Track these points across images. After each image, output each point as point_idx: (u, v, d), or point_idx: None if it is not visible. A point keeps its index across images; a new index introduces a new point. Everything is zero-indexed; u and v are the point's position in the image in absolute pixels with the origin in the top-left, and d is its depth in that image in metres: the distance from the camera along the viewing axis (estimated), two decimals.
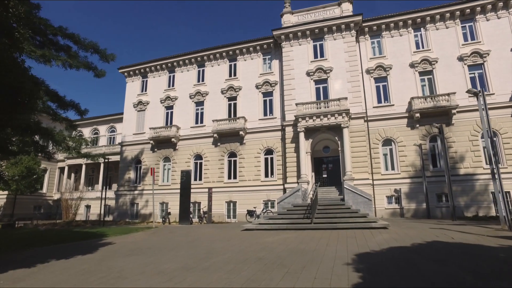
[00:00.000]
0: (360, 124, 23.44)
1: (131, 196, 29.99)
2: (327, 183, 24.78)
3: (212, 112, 29.04)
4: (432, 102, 22.23)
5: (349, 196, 17.80)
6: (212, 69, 30.54)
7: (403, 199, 21.68)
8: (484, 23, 23.60)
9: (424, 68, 23.94)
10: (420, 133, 22.64)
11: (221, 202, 26.41)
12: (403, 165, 22.43)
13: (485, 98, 13.90)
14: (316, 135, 23.85)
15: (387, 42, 25.53)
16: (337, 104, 22.86)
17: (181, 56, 31.42)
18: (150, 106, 31.98)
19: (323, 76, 25.45)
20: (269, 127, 26.56)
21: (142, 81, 33.48)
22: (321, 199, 20.36)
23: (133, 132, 31.85)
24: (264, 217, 14.98)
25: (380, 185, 22.40)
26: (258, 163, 26.24)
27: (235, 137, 27.26)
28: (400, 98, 23.80)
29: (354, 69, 24.82)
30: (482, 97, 13.30)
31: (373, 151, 23.28)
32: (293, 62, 26.64)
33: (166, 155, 29.73)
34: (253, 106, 27.74)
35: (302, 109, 23.59)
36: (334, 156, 24.93)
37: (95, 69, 17.08)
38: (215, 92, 29.57)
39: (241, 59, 29.56)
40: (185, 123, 29.86)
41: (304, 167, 22.77)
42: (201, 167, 28.35)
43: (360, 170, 22.34)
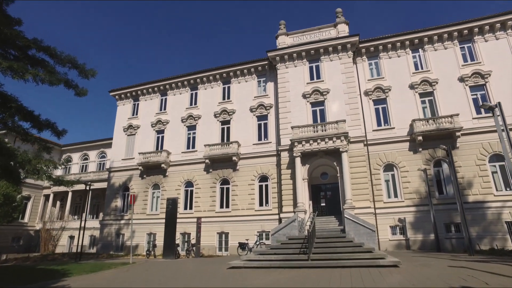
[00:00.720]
0: (360, 148, 22.10)
1: (117, 226, 28.06)
2: (326, 212, 23.11)
3: (205, 136, 27.74)
4: (434, 124, 21.03)
5: (350, 227, 16.15)
6: (205, 92, 29.55)
7: (408, 230, 19.97)
8: (483, 44, 22.87)
9: (424, 89, 22.94)
10: (424, 157, 21.28)
11: (212, 234, 24.55)
12: (406, 192, 20.89)
13: (503, 113, 12.58)
14: (313, 161, 22.43)
15: (385, 63, 24.71)
16: (335, 127, 21.62)
17: (174, 78, 30.54)
18: (141, 130, 30.71)
19: (320, 98, 24.38)
20: (263, 152, 25.18)
21: (133, 105, 32.40)
22: (320, 230, 18.66)
23: (122, 157, 30.38)
24: (255, 252, 13.27)
25: (383, 214, 20.74)
26: (252, 190, 24.63)
27: (228, 163, 25.79)
28: (400, 121, 22.62)
29: (352, 91, 23.80)
30: (499, 111, 11.94)
31: (374, 177, 21.79)
32: (288, 84, 25.66)
33: (156, 182, 28.10)
34: (247, 130, 26.49)
35: (298, 133, 22.31)
36: (332, 183, 23.42)
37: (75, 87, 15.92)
38: (208, 115, 28.42)
39: (235, 81, 28.64)
40: (176, 148, 28.48)
41: (300, 195, 21.18)
42: (191, 195, 26.66)
43: (361, 197, 20.77)
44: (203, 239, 23.95)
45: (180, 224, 25.21)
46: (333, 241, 13.49)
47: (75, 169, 38.91)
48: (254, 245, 19.26)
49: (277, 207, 23.31)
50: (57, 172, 38.88)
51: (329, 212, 22.83)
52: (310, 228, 11.70)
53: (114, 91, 32.70)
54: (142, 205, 27.76)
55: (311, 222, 12.54)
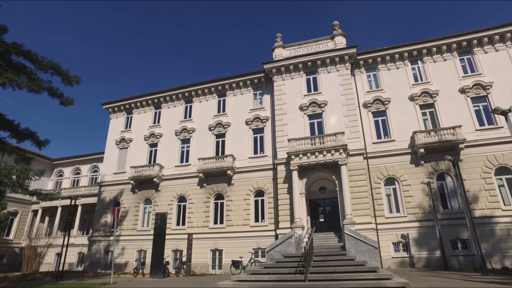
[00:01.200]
0: (360, 161, 21.26)
1: (106, 242, 26.75)
2: (325, 228, 22.05)
3: (199, 150, 26.87)
4: (436, 136, 20.29)
5: (350, 244, 15.11)
6: (200, 105, 28.89)
7: (412, 246, 18.90)
8: (482, 55, 22.45)
9: (425, 101, 22.33)
10: (426, 170, 20.43)
11: (205, 251, 23.32)
12: (409, 207, 19.92)
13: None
14: (311, 174, 21.52)
15: (383, 75, 24.20)
16: (334, 140, 20.84)
17: (168, 91, 29.93)
18: (134, 143, 29.84)
19: (318, 111, 23.70)
20: (259, 166, 24.27)
21: (126, 118, 31.66)
22: (318, 247, 17.59)
23: (114, 171, 29.37)
24: (247, 271, 12.16)
25: (385, 230, 19.70)
26: (247, 206, 23.58)
27: (223, 177, 24.83)
28: (401, 133, 21.89)
29: (350, 103, 23.16)
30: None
31: (374, 191, 20.85)
32: (285, 97, 25.04)
33: (148, 196, 27.02)
34: (242, 144, 25.67)
35: (295, 145, 21.50)
36: (331, 198, 22.47)
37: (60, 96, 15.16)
38: (202, 129, 27.65)
39: (230, 94, 28.04)
40: (169, 161, 27.55)
41: (298, 210, 20.16)
42: (184, 210, 25.55)
43: (361, 212, 19.77)
44: (196, 256, 22.77)
45: (172, 240, 24.14)
46: (332, 259, 12.40)
47: (66, 183, 37.80)
48: (248, 263, 18.11)
49: (274, 223, 22.23)
50: (48, 186, 37.89)
51: (328, 228, 21.77)
52: (307, 245, 10.69)
53: (107, 104, 32.01)
54: (133, 220, 26.59)
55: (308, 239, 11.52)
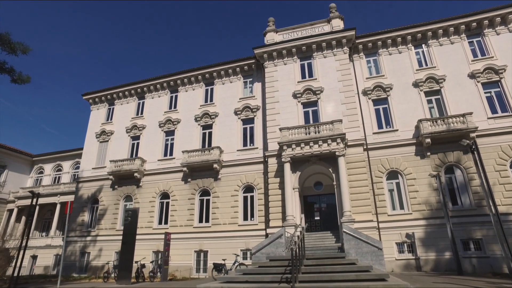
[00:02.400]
0: (359, 153, 19.16)
1: (82, 243, 24.48)
2: (321, 227, 19.97)
3: (184, 142, 24.67)
4: (444, 125, 18.24)
5: (350, 244, 13.00)
6: (186, 94, 26.70)
7: (418, 247, 16.82)
8: (494, 37, 20.46)
9: (431, 87, 20.28)
10: (433, 162, 18.38)
11: (188, 252, 21.14)
12: (414, 203, 17.85)
13: None
14: (306, 167, 19.40)
15: (384, 60, 22.13)
16: (330, 128, 18.73)
17: (152, 80, 27.71)
18: (115, 136, 27.59)
19: (313, 98, 21.59)
20: (249, 159, 22.12)
21: (108, 109, 29.41)
22: (313, 249, 15.49)
23: (93, 166, 27.12)
24: (220, 279, 9.95)
25: (388, 229, 17.61)
26: (235, 202, 21.41)
27: (209, 172, 22.67)
28: (404, 122, 19.84)
29: (349, 90, 21.08)
30: None
31: (376, 186, 18.77)
32: (277, 84, 22.91)
33: (128, 193, 24.79)
34: (231, 135, 23.51)
35: (287, 135, 19.36)
36: (328, 194, 20.39)
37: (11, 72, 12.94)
38: (188, 120, 25.45)
39: (218, 82, 25.88)
40: (152, 155, 25.34)
41: (290, 206, 18.02)
42: (167, 208, 23.34)
43: (362, 209, 17.68)
44: (178, 258, 20.69)
45: (153, 241, 22.06)
46: (329, 263, 10.22)
47: (47, 180, 35.42)
48: (232, 266, 15.97)
49: (264, 222, 20.09)
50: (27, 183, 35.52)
51: (324, 227, 19.69)
52: (296, 246, 8.55)
53: (88, 95, 29.74)
54: (112, 219, 24.34)
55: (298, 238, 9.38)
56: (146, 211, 23.49)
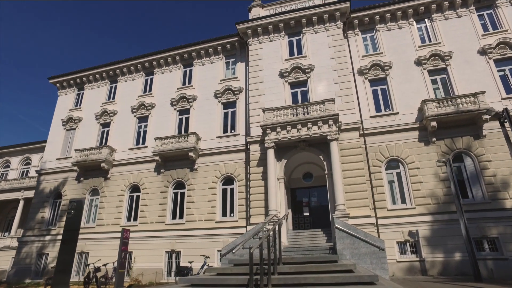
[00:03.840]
0: (354, 138, 16.61)
1: (40, 243, 21.57)
2: (310, 224, 17.45)
3: (158, 129, 21.90)
4: (452, 106, 15.78)
5: (344, 244, 10.42)
6: (162, 77, 23.92)
7: (423, 247, 14.33)
8: (508, 8, 18.10)
9: (435, 65, 17.83)
10: (438, 150, 15.91)
11: (159, 252, 18.43)
12: (418, 196, 15.36)
13: None
14: (293, 155, 16.79)
15: (383, 36, 19.63)
16: (321, 109, 16.13)
17: (126, 61, 24.87)
18: (83, 123, 24.69)
19: (302, 77, 19.00)
20: (229, 147, 19.45)
21: (77, 94, 26.49)
22: (300, 249, 12.93)
23: (57, 156, 24.17)
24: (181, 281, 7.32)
25: (387, 226, 15.09)
26: (213, 196, 18.74)
27: (184, 161, 19.95)
28: (406, 104, 17.37)
29: (343, 67, 18.53)
30: None
31: (374, 177, 16.25)
32: (262, 62, 20.28)
33: (95, 186, 21.94)
34: (210, 121, 20.82)
35: (272, 117, 16.72)
36: (319, 187, 17.87)
37: None
38: (163, 104, 22.68)
39: (198, 63, 23.14)
40: (123, 144, 22.52)
41: (273, 200, 15.38)
42: (137, 203, 20.57)
43: (357, 203, 15.13)
44: (147, 260, 18.04)
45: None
46: (313, 269, 7.33)
47: (13, 175, 32.32)
48: (200, 270, 13.33)
49: (245, 218, 17.45)
50: None
51: (314, 224, 17.18)
52: (261, 246, 5.92)
53: (55, 78, 26.76)
54: None
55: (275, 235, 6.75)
56: (113, 206, 20.75)
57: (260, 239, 6.36)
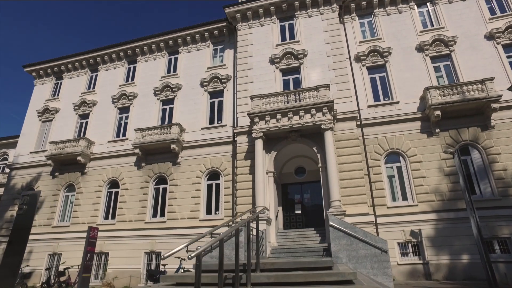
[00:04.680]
0: (351, 128, 15.16)
1: None
2: (303, 223, 15.98)
3: (140, 120, 20.30)
4: (458, 94, 14.41)
5: (340, 245, 8.94)
6: (146, 65, 22.30)
7: (426, 248, 12.93)
8: None
9: (438, 51, 16.46)
10: (442, 141, 14.54)
11: (138, 253, 16.84)
12: (421, 192, 13.95)
13: None
14: (283, 146, 15.30)
15: (381, 21, 18.22)
16: (314, 95, 14.65)
17: (108, 49, 23.19)
18: (61, 114, 22.97)
19: (294, 63, 17.53)
20: (216, 139, 17.92)
21: (55, 84, 24.73)
22: (290, 251, 11.49)
23: (31, 150, 22.42)
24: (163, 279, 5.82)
25: (387, 225, 13.67)
26: (197, 192, 17.19)
27: (167, 155, 18.38)
28: (406, 93, 15.99)
29: (338, 53, 17.09)
30: None
31: (372, 171, 14.82)
32: (252, 48, 18.76)
33: (71, 181, 20.26)
34: (195, 111, 19.27)
35: (260, 105, 15.20)
36: (312, 182, 16.43)
37: None
38: (146, 94, 21.08)
39: (184, 50, 21.56)
40: (102, 136, 20.87)
41: (261, 195, 13.86)
42: (116, 199, 18.95)
43: (354, 200, 13.68)
44: (123, 261, 16.55)
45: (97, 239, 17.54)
46: (302, 280, 5.47)
47: None
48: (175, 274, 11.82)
49: (232, 215, 15.93)
50: None
51: (307, 222, 15.72)
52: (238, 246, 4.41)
53: (31, 66, 24.95)
54: (49, 213, 19.80)
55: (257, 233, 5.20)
56: (90, 203, 19.13)
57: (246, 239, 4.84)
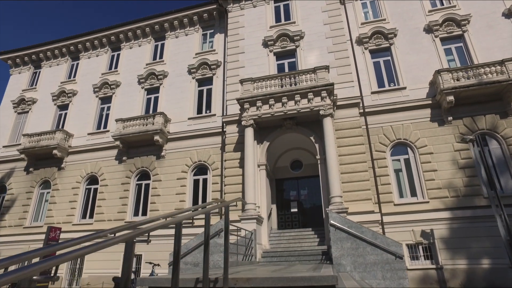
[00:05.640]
0: (353, 116, 13.51)
1: None
2: (299, 223, 14.38)
3: (123, 110, 18.62)
4: (473, 77, 12.80)
5: (343, 249, 7.31)
6: (130, 52, 20.61)
7: (440, 251, 11.32)
8: None
9: (450, 32, 14.84)
10: (456, 130, 12.93)
11: (117, 256, 15.11)
12: (432, 187, 12.34)
13: None
14: (277, 136, 13.65)
15: (385, 1, 16.58)
16: (312, 78, 12.99)
17: (90, 34, 21.48)
18: (38, 105, 21.25)
19: (290, 46, 15.86)
20: (204, 129, 16.27)
21: (33, 73, 22.97)
22: (283, 254, 9.88)
23: (5, 143, 20.68)
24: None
25: (394, 225, 12.05)
26: (182, 188, 15.54)
27: (150, 147, 16.72)
28: (414, 78, 14.37)
29: (339, 34, 15.43)
30: None
31: (377, 164, 13.19)
32: (243, 30, 17.10)
33: (46, 177, 18.57)
34: (182, 100, 17.62)
35: (251, 89, 13.52)
36: (310, 177, 14.84)
37: None
38: (130, 82, 19.42)
39: (171, 36, 19.88)
40: (82, 128, 19.19)
41: (251, 191, 12.18)
42: (95, 197, 17.27)
43: (357, 196, 12.04)
44: (99, 265, 14.90)
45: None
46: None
47: None
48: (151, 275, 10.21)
49: (219, 213, 14.28)
50: None
51: (304, 222, 14.12)
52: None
53: (6, 54, 23.17)
54: (21, 213, 18.08)
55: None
56: (66, 201, 17.45)
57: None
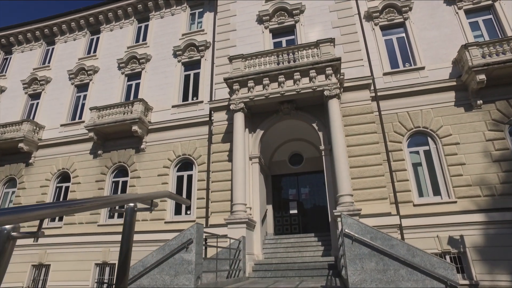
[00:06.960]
0: (364, 99, 11.34)
1: None
2: (299, 227, 12.26)
3: (101, 99, 16.49)
4: (509, 51, 10.66)
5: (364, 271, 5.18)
6: (111, 35, 18.45)
7: (473, 263, 9.19)
8: None
9: (476, 3, 12.72)
10: (487, 116, 10.80)
11: (87, 266, 13.05)
12: (460, 185, 10.21)
13: None
14: (273, 123, 11.49)
15: None
16: (314, 53, 10.81)
17: (67, 15, 19.31)
18: (7, 94, 19.10)
19: (288, 21, 13.71)
20: (189, 118, 14.13)
21: (3, 59, 20.80)
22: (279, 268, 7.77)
23: None
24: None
25: (414, 229, 9.92)
26: (164, 186, 13.38)
27: (129, 140, 14.60)
28: (434, 56, 12.25)
29: (345, 7, 13.27)
30: None
31: (392, 157, 11.06)
32: (235, 6, 14.92)
33: (12, 174, 16.42)
34: (166, 86, 15.48)
35: (242, 68, 11.35)
36: (312, 173, 12.76)
37: None
38: (109, 68, 17.27)
39: (156, 16, 17.74)
40: (55, 119, 17.06)
41: (241, 188, 9.99)
42: (66, 196, 15.14)
43: (370, 195, 9.88)
44: (66, 276, 12.85)
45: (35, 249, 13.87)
46: None
47: None
48: None
49: (206, 216, 12.14)
50: None
51: (305, 226, 12.00)
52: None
53: None
54: None
55: None
56: (33, 201, 15.28)
57: None
